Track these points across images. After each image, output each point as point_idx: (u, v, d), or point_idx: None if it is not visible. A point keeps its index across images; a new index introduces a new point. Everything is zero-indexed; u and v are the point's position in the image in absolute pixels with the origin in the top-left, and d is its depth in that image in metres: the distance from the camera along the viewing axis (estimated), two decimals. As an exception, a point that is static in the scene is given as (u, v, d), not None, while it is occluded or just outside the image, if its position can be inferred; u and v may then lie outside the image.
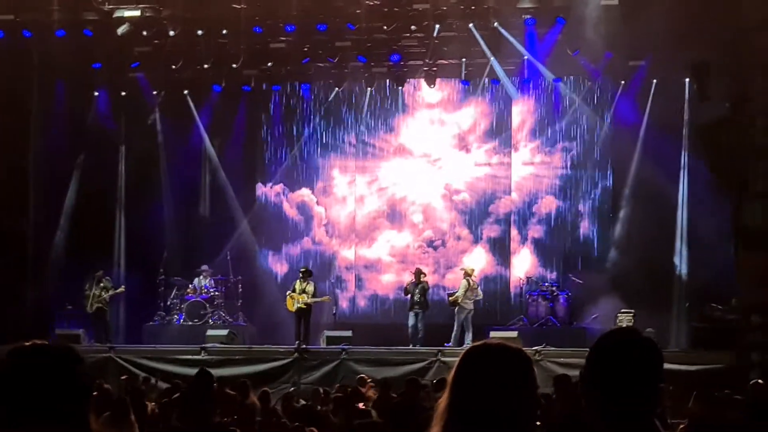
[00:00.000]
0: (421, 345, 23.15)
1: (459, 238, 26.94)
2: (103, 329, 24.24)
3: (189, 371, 18.55)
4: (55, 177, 26.08)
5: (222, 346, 23.07)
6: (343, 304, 26.62)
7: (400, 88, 26.69)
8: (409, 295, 23.86)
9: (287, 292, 24.03)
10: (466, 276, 23.56)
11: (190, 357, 22.37)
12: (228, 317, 25.20)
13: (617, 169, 26.02)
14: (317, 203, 27.51)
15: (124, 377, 19.80)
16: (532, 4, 23.97)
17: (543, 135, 26.73)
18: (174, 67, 25.41)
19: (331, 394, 17.25)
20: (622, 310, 22.74)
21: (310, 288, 23.70)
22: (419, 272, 24.08)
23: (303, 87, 27.10)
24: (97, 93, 26.39)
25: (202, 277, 25.57)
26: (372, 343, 23.14)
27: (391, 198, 27.33)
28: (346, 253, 27.37)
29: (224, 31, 24.50)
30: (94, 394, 3.58)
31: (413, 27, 24.35)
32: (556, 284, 24.99)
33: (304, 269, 24.31)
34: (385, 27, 24.28)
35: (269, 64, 25.67)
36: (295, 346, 22.62)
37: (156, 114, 27.02)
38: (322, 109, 27.44)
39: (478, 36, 24.32)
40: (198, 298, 25.18)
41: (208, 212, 27.64)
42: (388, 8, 24.05)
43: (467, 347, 3.53)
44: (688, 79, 24.49)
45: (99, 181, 26.40)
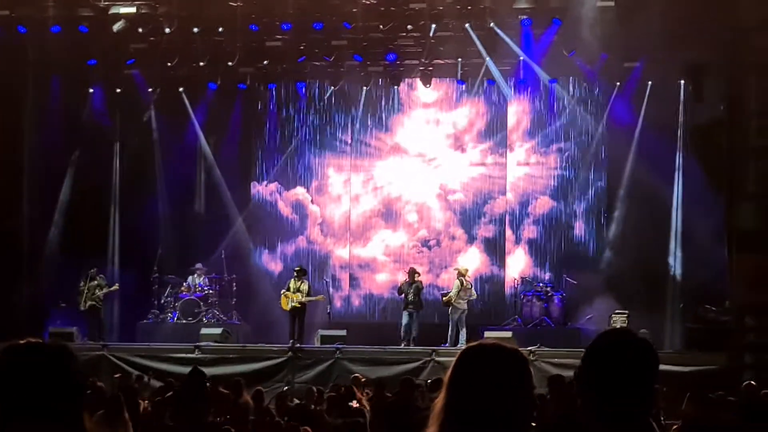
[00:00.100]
0: (415, 345, 23.14)
1: (454, 237, 26.94)
2: (96, 327, 24.16)
3: (183, 370, 18.55)
4: (50, 173, 26.04)
5: (216, 344, 23.04)
6: (338, 304, 26.59)
7: (395, 87, 26.69)
8: (403, 295, 23.86)
9: (281, 291, 24.01)
10: (459, 276, 23.55)
11: (183, 355, 22.31)
12: (222, 316, 25.17)
13: (612, 169, 26.03)
14: (312, 202, 27.49)
15: (117, 375, 19.77)
16: (528, 5, 23.99)
17: (538, 135, 26.74)
18: (169, 64, 25.36)
19: (324, 393, 17.24)
20: (617, 310, 22.78)
21: (305, 287, 23.68)
22: (413, 272, 24.08)
23: (299, 85, 27.10)
24: (92, 90, 26.32)
25: (196, 275, 25.53)
26: (366, 342, 23.12)
27: (386, 197, 27.32)
28: (341, 252, 27.35)
29: (220, 28, 24.46)
30: (87, 392, 3.54)
31: (409, 26, 24.33)
32: (551, 285, 25.00)
33: (298, 268, 24.28)
34: (381, 26, 24.28)
35: (265, 62, 25.64)
36: (290, 345, 22.61)
37: (151, 111, 26.99)
38: (318, 107, 27.43)
39: (474, 36, 24.31)
40: (192, 297, 25.15)
41: (203, 210, 27.63)
42: (384, 7, 24.03)
43: (464, 347, 3.52)
44: (683, 81, 24.53)
45: (93, 177, 26.36)
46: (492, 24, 24.10)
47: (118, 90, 26.28)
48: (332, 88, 26.83)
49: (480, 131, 27.05)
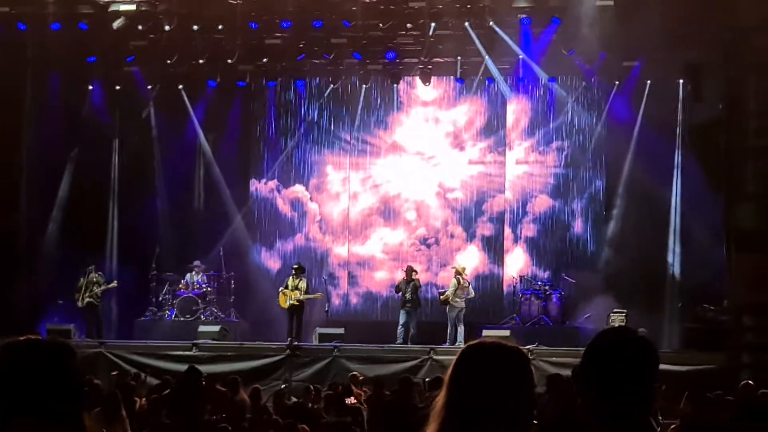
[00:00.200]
0: (413, 343, 23.13)
1: (452, 236, 26.94)
2: (94, 324, 24.11)
3: (180, 367, 18.51)
4: (48, 170, 25.98)
5: (214, 342, 23.00)
6: (336, 302, 26.58)
7: (395, 85, 26.69)
8: (401, 293, 23.85)
9: (280, 289, 24.02)
10: (456, 275, 23.54)
11: (181, 353, 22.25)
12: (220, 313, 25.15)
13: (611, 168, 26.03)
14: (311, 200, 27.48)
15: (114, 373, 19.75)
16: (527, 4, 23.98)
17: (537, 134, 26.74)
18: (169, 61, 25.34)
19: (322, 391, 17.23)
20: (615, 309, 22.75)
21: (303, 285, 23.69)
22: (411, 270, 24.07)
23: (298, 83, 27.11)
24: (91, 87, 26.29)
25: (194, 272, 25.51)
26: (364, 340, 23.09)
27: (384, 195, 27.31)
28: (339, 250, 27.34)
29: (220, 26, 24.45)
30: (85, 390, 3.51)
31: (409, 25, 24.31)
32: (549, 283, 25.00)
33: (297, 266, 24.28)
34: (381, 24, 24.27)
35: (264, 60, 25.62)
36: (287, 342, 22.58)
37: (150, 108, 26.97)
38: (317, 105, 27.42)
39: (473, 35, 24.31)
40: (190, 294, 25.13)
41: (202, 207, 27.61)
42: (384, 6, 24.02)
43: (465, 345, 3.52)
44: (682, 80, 24.52)
45: (92, 174, 26.32)
46: (491, 23, 24.09)
47: (118, 87, 26.23)
48: (332, 86, 26.84)
49: (479, 130, 27.05)
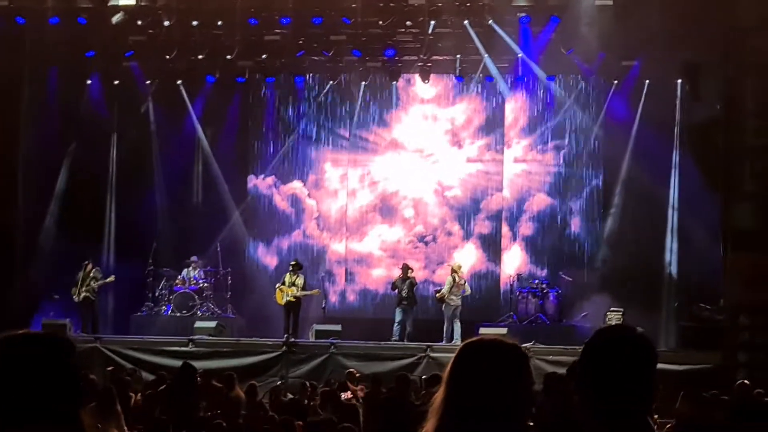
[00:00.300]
0: (409, 340, 23.12)
1: (450, 233, 26.93)
2: (90, 319, 24.09)
3: (176, 363, 18.45)
4: (46, 165, 25.92)
5: (210, 338, 22.97)
6: (333, 298, 26.54)
7: (394, 82, 26.68)
8: (397, 291, 23.83)
9: (276, 285, 24.00)
10: (452, 272, 23.53)
11: (177, 349, 22.20)
12: (217, 309, 25.13)
13: (609, 167, 26.04)
14: (309, 196, 27.46)
15: (109, 368, 19.73)
16: (526, 2, 24.02)
17: (535, 133, 26.74)
18: (168, 56, 25.31)
19: (318, 388, 17.24)
20: (612, 308, 22.77)
21: (300, 281, 23.67)
22: (406, 267, 24.06)
23: (297, 80, 27.07)
24: (90, 81, 26.25)
25: (191, 268, 25.48)
26: (361, 337, 23.10)
27: (382, 192, 27.30)
28: (337, 247, 27.33)
29: (219, 22, 24.43)
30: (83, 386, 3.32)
31: (408, 22, 24.34)
32: (546, 282, 25.01)
33: (294, 262, 24.27)
34: (381, 22, 24.26)
35: (264, 56, 25.59)
36: (284, 339, 22.57)
37: (149, 103, 26.95)
38: (316, 102, 27.39)
39: (472, 33, 24.32)
40: (187, 290, 25.11)
41: (200, 202, 27.58)
42: (383, 3, 24.02)
43: (464, 342, 3.52)
44: (680, 80, 24.53)
45: (90, 169, 26.27)
46: (490, 21, 24.10)
47: (117, 82, 26.20)
48: (331, 82, 26.82)
49: (477, 128, 27.04)
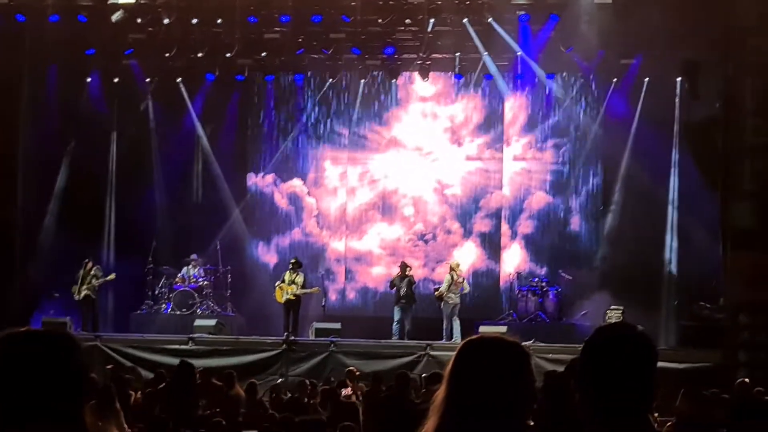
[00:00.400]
0: (409, 338, 23.12)
1: (449, 232, 26.94)
2: (90, 317, 24.08)
3: (176, 361, 18.35)
4: (46, 163, 25.88)
5: (210, 336, 22.96)
6: (333, 297, 26.55)
7: (393, 80, 26.67)
8: (395, 289, 23.82)
9: (276, 283, 23.99)
10: (450, 270, 23.52)
11: (177, 347, 22.22)
12: (216, 307, 25.13)
13: (608, 166, 26.05)
14: (308, 194, 27.46)
15: (109, 366, 19.73)
16: (526, 1, 24.00)
17: (535, 131, 26.75)
18: (168, 54, 25.29)
19: (318, 386, 17.24)
20: (612, 306, 22.79)
21: (300, 279, 23.66)
22: (405, 266, 24.06)
23: (297, 78, 27.07)
24: (89, 79, 26.23)
25: (191, 266, 25.47)
26: (361, 335, 23.10)
27: (382, 190, 27.31)
28: (337, 245, 27.33)
29: (219, 20, 24.42)
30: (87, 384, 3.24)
31: (408, 20, 24.34)
32: (546, 280, 25.02)
33: (294, 260, 24.27)
34: (380, 20, 24.26)
35: (263, 54, 25.60)
36: (284, 337, 22.57)
37: (148, 101, 26.94)
38: (316, 100, 27.39)
39: (471, 31, 24.32)
40: (186, 288, 25.10)
41: (200, 200, 27.57)
42: (383, 1, 24.01)
43: (465, 340, 3.52)
44: (679, 78, 24.53)
45: (90, 167, 26.23)
46: (490, 19, 24.09)
47: (116, 80, 26.19)
48: (330, 80, 26.82)
49: (477, 126, 27.05)
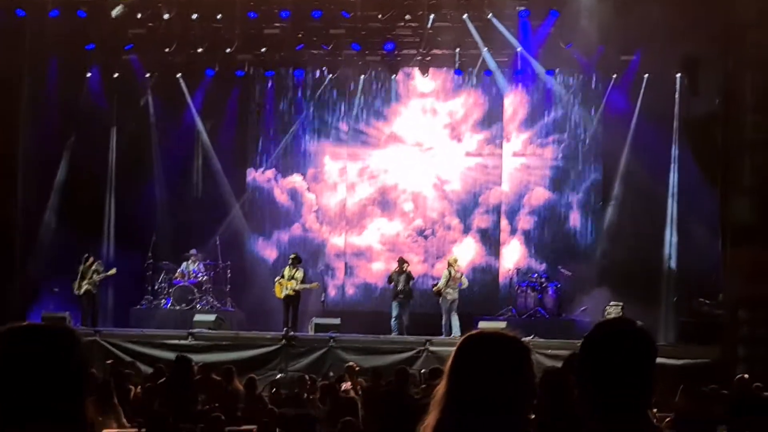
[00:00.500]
0: (407, 333, 23.14)
1: (449, 227, 26.95)
2: (90, 312, 24.09)
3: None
4: (46, 158, 25.81)
5: (209, 331, 22.94)
6: (332, 292, 26.58)
7: (393, 76, 26.68)
8: (393, 284, 23.82)
9: (276, 279, 24.00)
10: (448, 266, 23.52)
11: (177, 342, 22.19)
12: (216, 302, 25.14)
13: (607, 161, 26.05)
14: (308, 189, 27.47)
15: (109, 361, 19.73)
16: (526, -4, 24.03)
17: (534, 127, 26.76)
18: (168, 50, 25.30)
19: (318, 381, 17.25)
20: (611, 302, 22.78)
21: (299, 274, 23.66)
22: (402, 261, 24.06)
23: (296, 73, 27.07)
24: (89, 74, 26.22)
25: (190, 261, 25.46)
26: (360, 331, 23.10)
27: (382, 186, 27.32)
28: (336, 241, 27.34)
29: (219, 15, 24.44)
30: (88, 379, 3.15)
31: (407, 16, 24.33)
32: (546, 276, 25.01)
33: (293, 256, 24.27)
34: (380, 15, 24.27)
35: (263, 49, 25.60)
36: (283, 332, 22.57)
37: (148, 96, 26.93)
38: (315, 95, 27.39)
39: (471, 27, 24.32)
40: (186, 283, 25.11)
41: (200, 196, 27.56)
42: (383, -3, 24.07)
43: (465, 335, 3.53)
44: (679, 74, 24.53)
45: (90, 162, 26.21)
46: (490, 15, 24.10)
47: (116, 75, 26.19)
48: (330, 76, 26.82)
49: (476, 121, 27.05)
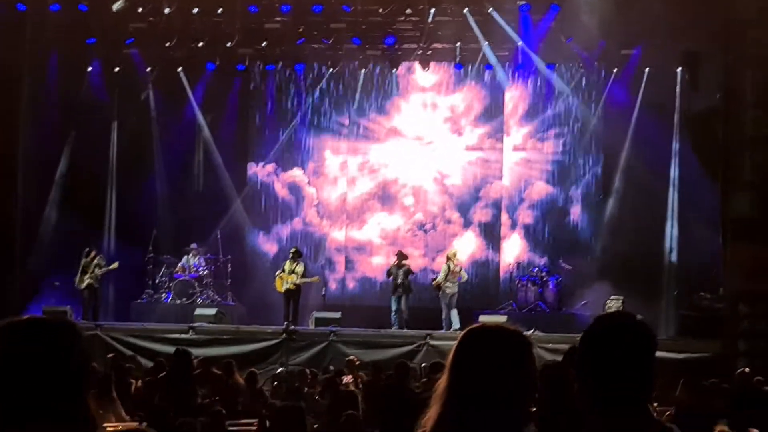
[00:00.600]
0: (408, 328, 23.14)
1: (449, 221, 26.95)
2: (91, 306, 24.07)
3: (177, 350, 18.50)
4: (46, 152, 25.83)
5: (210, 325, 22.96)
6: (333, 286, 26.59)
7: (393, 70, 26.66)
8: (392, 278, 23.81)
9: (276, 273, 24.00)
10: (447, 260, 23.52)
11: (177, 336, 22.19)
12: (217, 296, 25.15)
13: (608, 156, 26.04)
14: (308, 184, 27.47)
15: (110, 355, 19.74)
16: (526, -9, 24.00)
17: (535, 121, 26.74)
18: (168, 44, 25.29)
19: (318, 376, 17.26)
20: (612, 296, 22.80)
21: (300, 268, 23.66)
22: (401, 255, 24.05)
23: (297, 67, 27.03)
24: (90, 68, 26.20)
25: (191, 255, 25.45)
26: (361, 325, 23.12)
27: (382, 180, 27.32)
28: (337, 235, 27.35)
29: (219, 9, 24.42)
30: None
31: (408, 10, 24.32)
32: (546, 270, 25.02)
33: (294, 250, 24.28)
34: (381, 10, 24.26)
35: (264, 43, 25.57)
36: (284, 326, 22.58)
37: (149, 90, 26.92)
38: (316, 89, 27.36)
39: (472, 21, 24.31)
40: (187, 277, 25.12)
41: (201, 190, 27.56)
42: (383, -9, 24.05)
43: (466, 329, 3.52)
44: (680, 69, 24.52)
45: (91, 156, 26.18)
46: (490, 9, 24.11)
47: (117, 69, 26.17)
48: (331, 70, 26.81)
49: (477, 116, 27.04)
